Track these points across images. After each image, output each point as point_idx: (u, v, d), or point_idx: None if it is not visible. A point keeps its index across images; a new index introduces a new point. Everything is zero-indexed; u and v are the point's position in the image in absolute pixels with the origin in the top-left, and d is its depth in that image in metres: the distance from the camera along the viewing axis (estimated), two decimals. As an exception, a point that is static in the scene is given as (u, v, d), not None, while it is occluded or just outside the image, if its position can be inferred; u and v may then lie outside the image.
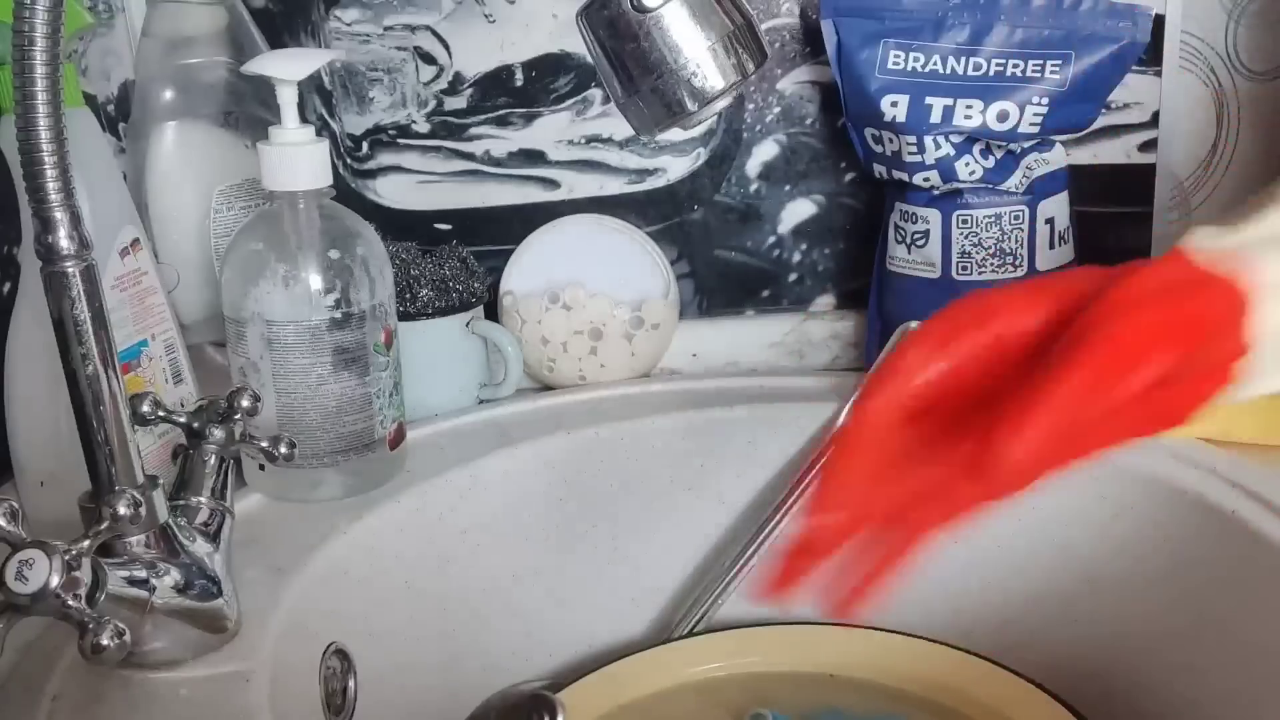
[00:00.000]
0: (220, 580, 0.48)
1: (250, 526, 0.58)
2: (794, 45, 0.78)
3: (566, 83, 0.78)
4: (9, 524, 0.38)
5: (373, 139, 0.79)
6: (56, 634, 0.48)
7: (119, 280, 0.57)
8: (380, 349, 0.60)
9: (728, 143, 0.80)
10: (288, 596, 0.53)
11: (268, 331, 0.58)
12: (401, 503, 0.62)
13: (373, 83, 0.77)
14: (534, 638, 0.70)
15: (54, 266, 0.40)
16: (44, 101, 0.38)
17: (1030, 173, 0.72)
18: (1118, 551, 0.64)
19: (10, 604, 0.37)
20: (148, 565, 0.44)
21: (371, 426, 0.61)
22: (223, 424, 0.50)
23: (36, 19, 0.38)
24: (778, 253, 0.83)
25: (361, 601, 0.59)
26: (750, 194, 0.81)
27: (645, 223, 0.81)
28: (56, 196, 0.39)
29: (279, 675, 0.48)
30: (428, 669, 0.63)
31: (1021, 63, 0.69)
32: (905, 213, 0.75)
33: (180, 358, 0.62)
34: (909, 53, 0.71)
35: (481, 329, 0.73)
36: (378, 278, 0.60)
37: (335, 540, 0.58)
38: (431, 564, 0.64)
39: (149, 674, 0.46)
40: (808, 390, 0.75)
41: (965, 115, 0.70)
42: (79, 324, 0.41)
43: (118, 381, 0.43)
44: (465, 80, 0.78)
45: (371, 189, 0.80)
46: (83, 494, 0.44)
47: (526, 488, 0.69)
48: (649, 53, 0.43)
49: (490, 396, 0.75)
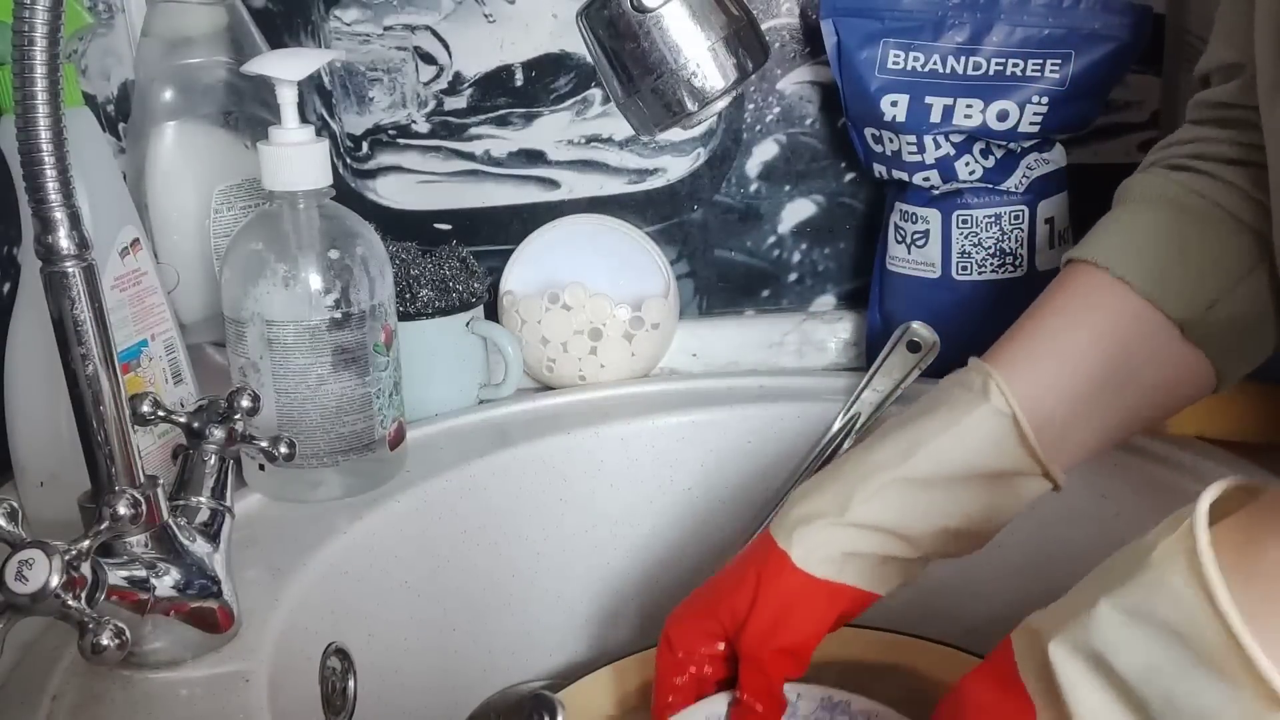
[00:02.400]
0: (220, 580, 0.48)
1: (250, 526, 0.58)
2: (794, 45, 0.78)
3: (566, 83, 0.78)
4: (9, 524, 0.38)
5: (373, 139, 0.79)
6: (56, 634, 0.48)
7: (119, 280, 0.57)
8: (380, 349, 0.60)
9: (728, 143, 0.80)
10: (288, 596, 0.53)
11: (268, 331, 0.58)
12: (401, 503, 0.62)
13: (373, 83, 0.77)
14: (534, 638, 0.70)
15: (54, 266, 0.40)
16: (44, 101, 0.38)
17: (1030, 173, 0.72)
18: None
19: (10, 604, 0.37)
20: (148, 565, 0.44)
21: (371, 426, 0.61)
22: (223, 424, 0.50)
23: (36, 19, 0.38)
24: (778, 253, 0.83)
25: (361, 601, 0.59)
26: (750, 194, 0.81)
27: (645, 223, 0.81)
28: (56, 196, 0.39)
29: (279, 675, 0.48)
30: (428, 669, 0.63)
31: (1021, 62, 0.69)
32: (905, 213, 0.75)
33: (180, 358, 0.62)
34: (909, 52, 0.71)
35: (481, 329, 0.73)
36: (378, 278, 0.60)
37: (335, 540, 0.58)
38: (431, 564, 0.64)
39: (149, 674, 0.46)
40: (807, 390, 0.75)
41: (965, 115, 0.70)
42: (79, 324, 0.41)
43: (118, 381, 0.42)
44: (465, 80, 0.78)
45: (371, 189, 0.80)
46: (83, 494, 0.44)
47: (526, 488, 0.69)
48: (649, 53, 0.43)
49: (490, 396, 0.75)
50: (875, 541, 0.52)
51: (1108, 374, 0.54)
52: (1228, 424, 0.63)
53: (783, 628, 0.52)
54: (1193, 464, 0.62)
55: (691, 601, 0.55)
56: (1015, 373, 0.53)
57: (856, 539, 0.52)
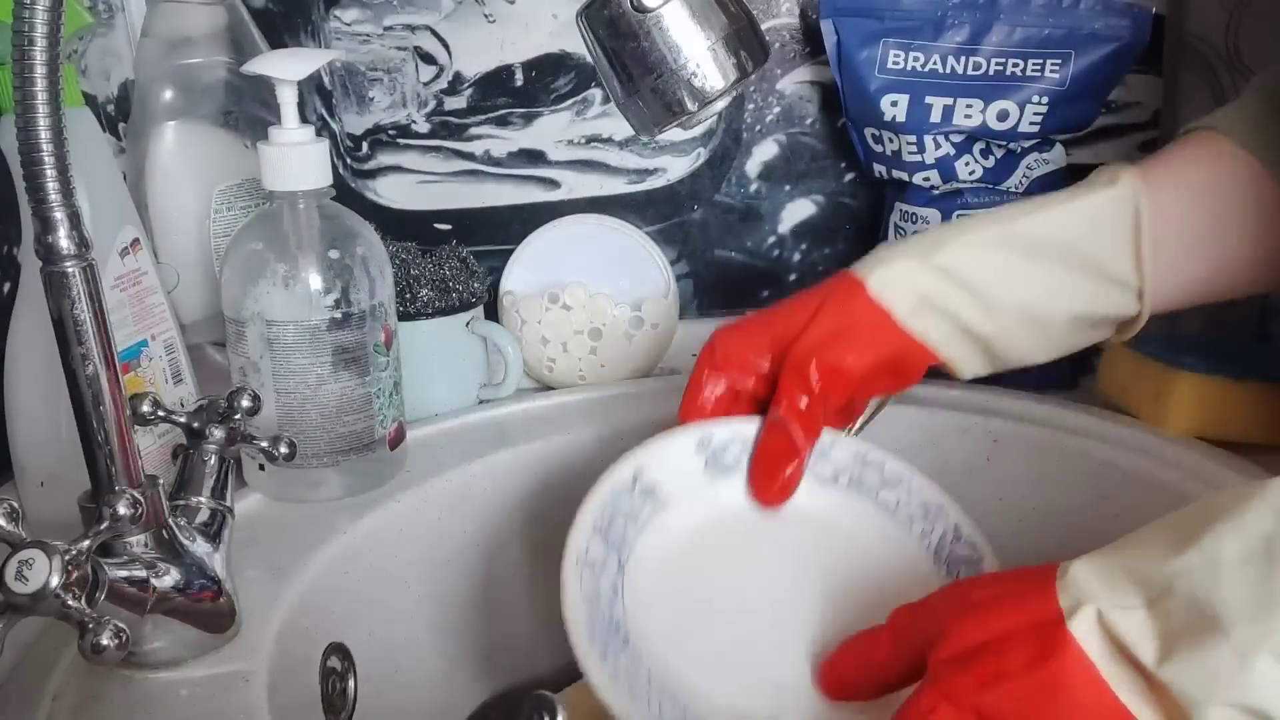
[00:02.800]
0: (220, 580, 0.48)
1: (250, 526, 0.58)
2: (794, 45, 0.78)
3: (566, 83, 0.78)
4: (9, 524, 0.38)
5: (373, 139, 0.79)
6: (56, 634, 0.48)
7: (119, 280, 0.57)
8: (380, 349, 0.60)
9: (728, 143, 0.80)
10: (288, 596, 0.53)
11: (268, 331, 0.58)
12: (401, 503, 0.62)
13: (373, 83, 0.77)
14: (534, 638, 0.70)
15: (54, 266, 0.40)
16: (44, 101, 0.38)
17: (1030, 173, 0.72)
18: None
19: (10, 604, 0.37)
20: (148, 565, 0.44)
21: (371, 426, 0.61)
22: (223, 424, 0.50)
23: (36, 19, 0.37)
24: (778, 253, 0.83)
25: (361, 601, 0.59)
26: (750, 194, 0.81)
27: (645, 223, 0.81)
28: (56, 196, 0.39)
29: (279, 675, 0.48)
30: (428, 669, 0.63)
31: (1021, 62, 0.69)
32: (905, 213, 0.75)
33: (180, 358, 0.62)
34: (909, 52, 0.71)
35: (481, 329, 0.73)
36: (378, 278, 0.60)
37: (335, 540, 0.58)
38: (431, 564, 0.64)
39: (149, 674, 0.46)
40: (808, 390, 0.75)
41: (965, 115, 0.70)
42: (79, 324, 0.41)
43: (118, 381, 0.42)
44: (465, 80, 0.78)
45: (371, 189, 0.80)
46: (83, 494, 0.44)
47: (526, 487, 0.69)
48: (649, 52, 0.43)
49: (490, 396, 0.75)
50: (955, 298, 0.50)
51: (1217, 217, 0.52)
52: (1228, 424, 0.63)
53: (839, 342, 0.49)
54: (1193, 464, 0.62)
55: (745, 318, 0.53)
56: (1142, 183, 0.51)
57: (937, 286, 0.50)
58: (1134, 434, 0.65)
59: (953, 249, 0.50)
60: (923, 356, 0.51)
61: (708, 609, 0.47)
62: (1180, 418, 0.64)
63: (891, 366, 0.51)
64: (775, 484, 0.49)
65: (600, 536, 0.47)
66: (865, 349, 0.49)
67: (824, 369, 0.49)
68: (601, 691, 0.42)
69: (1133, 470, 0.63)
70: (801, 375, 0.49)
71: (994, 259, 0.50)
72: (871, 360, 0.50)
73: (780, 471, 0.49)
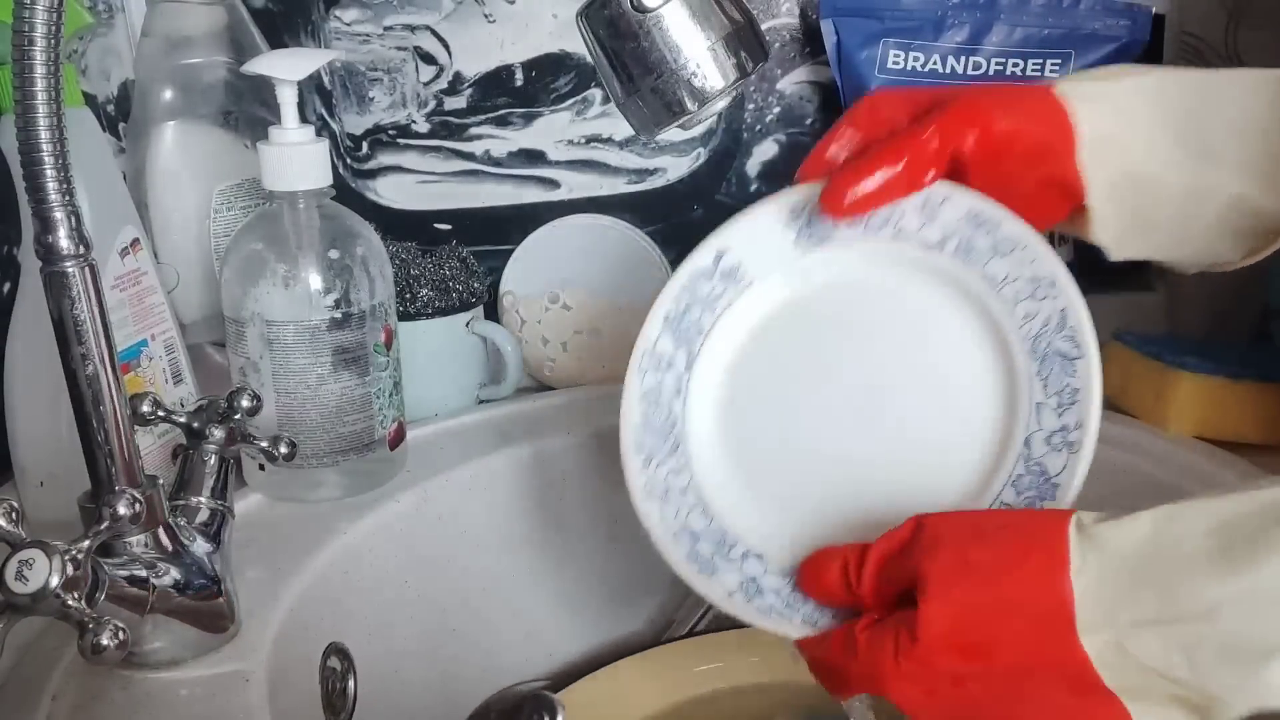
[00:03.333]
0: (220, 580, 0.48)
1: (250, 526, 0.58)
2: (794, 45, 0.78)
3: (566, 83, 0.78)
4: (9, 524, 0.38)
5: (373, 139, 0.79)
6: (56, 634, 0.48)
7: (119, 280, 0.57)
8: (380, 349, 0.60)
9: (728, 143, 0.80)
10: (288, 596, 0.53)
11: (268, 331, 0.58)
12: (401, 503, 0.62)
13: (373, 83, 0.77)
14: (534, 638, 0.70)
15: (54, 266, 0.40)
16: (44, 101, 0.38)
17: (1030, 172, 0.72)
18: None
19: (10, 604, 0.37)
20: (148, 565, 0.44)
21: (371, 426, 0.61)
22: (223, 424, 0.50)
23: (36, 19, 0.37)
24: (778, 253, 0.83)
25: (361, 601, 0.59)
26: (750, 194, 0.81)
27: (645, 223, 0.81)
28: (56, 196, 0.39)
29: (279, 675, 0.48)
30: (428, 669, 0.63)
31: (1021, 62, 0.69)
32: (905, 212, 0.75)
33: (180, 358, 0.62)
34: (909, 52, 0.71)
35: (481, 329, 0.73)
36: (378, 278, 0.60)
37: (335, 540, 0.58)
38: (431, 564, 0.64)
39: (149, 674, 0.46)
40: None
41: (965, 115, 0.70)
42: (79, 324, 0.41)
43: (118, 381, 0.42)
44: (465, 80, 0.78)
45: (371, 189, 0.80)
46: (83, 494, 0.44)
47: (526, 487, 0.69)
48: (649, 52, 0.43)
49: (490, 396, 0.75)
50: (1153, 137, 0.43)
51: None
52: (1228, 424, 0.63)
53: (1003, 108, 0.42)
54: (1193, 464, 0.62)
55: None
56: None
57: (1132, 107, 0.43)
58: (1134, 434, 0.65)
59: (1162, 72, 0.44)
60: (1072, 189, 0.44)
61: (771, 419, 0.44)
62: (1180, 418, 0.64)
63: (1043, 176, 0.44)
64: (852, 186, 0.42)
65: (670, 330, 0.45)
66: (1026, 123, 0.43)
67: (979, 133, 0.42)
68: (633, 496, 0.44)
69: (1133, 470, 0.63)
70: (949, 116, 0.42)
71: (1204, 92, 0.44)
72: (1032, 138, 0.43)
73: (865, 176, 0.42)
